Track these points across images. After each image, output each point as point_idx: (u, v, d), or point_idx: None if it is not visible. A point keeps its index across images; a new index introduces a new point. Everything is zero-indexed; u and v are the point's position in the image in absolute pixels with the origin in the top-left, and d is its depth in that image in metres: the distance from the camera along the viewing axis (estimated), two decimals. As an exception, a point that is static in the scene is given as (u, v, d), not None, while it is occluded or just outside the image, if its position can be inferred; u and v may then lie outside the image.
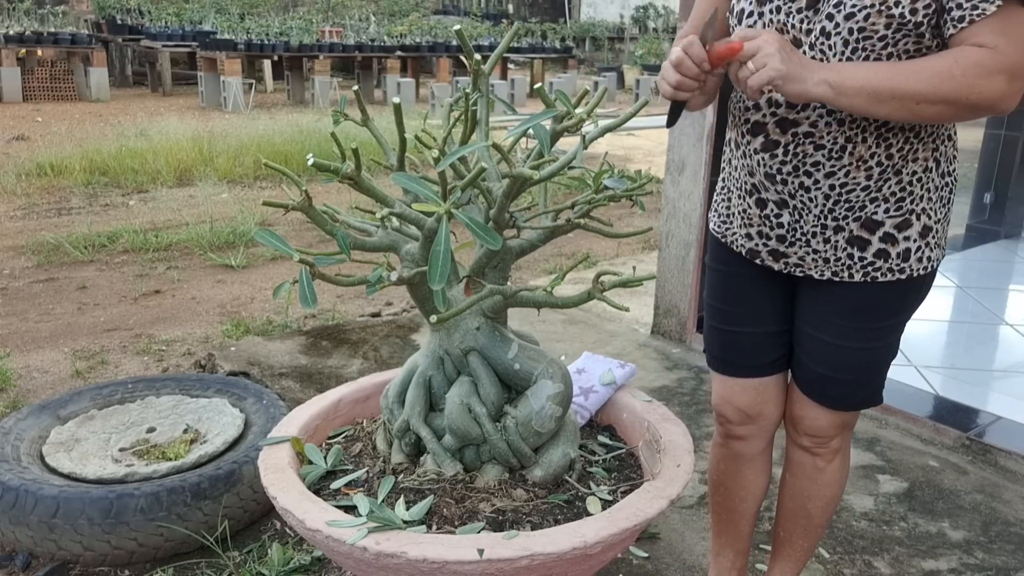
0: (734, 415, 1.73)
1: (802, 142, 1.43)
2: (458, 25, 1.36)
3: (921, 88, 1.26)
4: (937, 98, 1.27)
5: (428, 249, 1.43)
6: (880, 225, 1.45)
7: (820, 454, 1.67)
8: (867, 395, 1.61)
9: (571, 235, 5.61)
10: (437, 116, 10.39)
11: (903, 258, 1.48)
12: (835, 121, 1.39)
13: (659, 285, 3.58)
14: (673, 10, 21.85)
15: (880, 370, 1.60)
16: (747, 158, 1.53)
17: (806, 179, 1.45)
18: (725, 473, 1.81)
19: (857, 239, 1.47)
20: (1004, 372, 3.36)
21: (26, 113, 10.83)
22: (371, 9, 19.09)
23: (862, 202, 1.44)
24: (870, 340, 1.54)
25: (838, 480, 1.71)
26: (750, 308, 1.66)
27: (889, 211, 1.45)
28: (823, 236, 1.49)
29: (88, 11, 16.29)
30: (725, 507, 1.85)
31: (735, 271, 1.66)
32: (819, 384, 1.60)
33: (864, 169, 1.42)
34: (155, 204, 6.39)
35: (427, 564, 1.26)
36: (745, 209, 1.58)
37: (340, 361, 3.27)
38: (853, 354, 1.55)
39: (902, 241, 1.47)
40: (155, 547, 2.06)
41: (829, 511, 1.75)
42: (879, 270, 1.48)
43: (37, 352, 3.58)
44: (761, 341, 1.67)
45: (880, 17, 1.31)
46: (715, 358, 1.74)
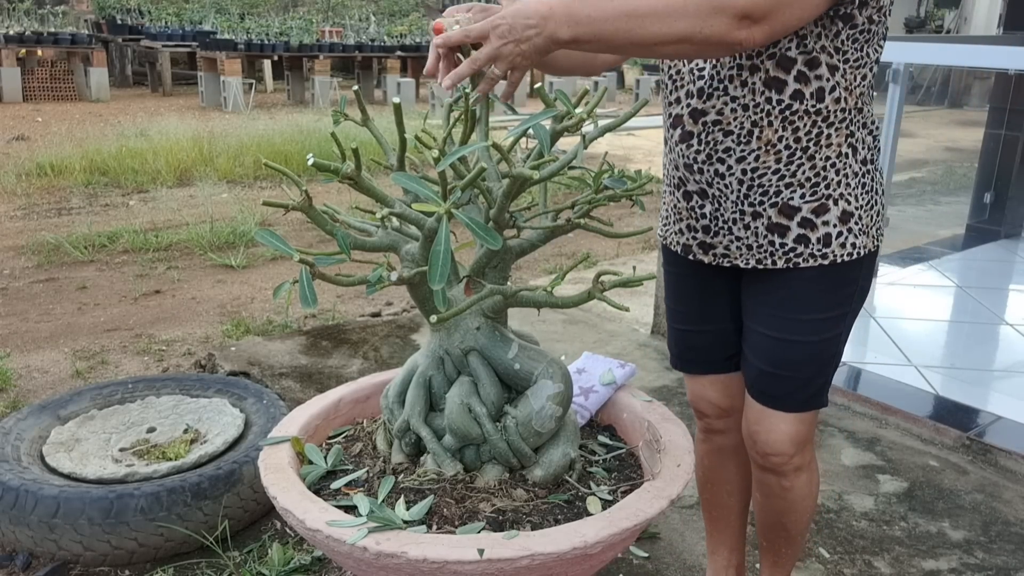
0: (709, 409, 1.76)
1: (712, 130, 1.46)
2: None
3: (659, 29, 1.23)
4: (675, 36, 1.24)
5: (428, 249, 1.42)
6: (797, 211, 1.46)
7: (783, 473, 1.63)
8: (809, 395, 1.57)
9: (571, 235, 5.61)
10: (437, 116, 10.40)
11: (824, 243, 1.47)
12: (739, 107, 1.42)
13: (659, 285, 3.58)
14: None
15: (822, 369, 1.57)
16: (671, 152, 1.56)
17: (719, 166, 1.48)
18: (710, 469, 1.84)
19: (776, 226, 1.48)
20: (1004, 372, 3.36)
21: (26, 113, 10.83)
22: (371, 9, 19.09)
23: (776, 187, 1.45)
24: (808, 333, 1.52)
25: (807, 494, 1.69)
26: (699, 307, 1.69)
27: (805, 196, 1.46)
28: (743, 222, 1.50)
29: (88, 11, 16.29)
30: (714, 503, 1.87)
31: (681, 271, 1.69)
32: (760, 382, 1.59)
33: (773, 153, 1.44)
34: (155, 204, 6.39)
35: (427, 564, 1.26)
36: (675, 204, 1.61)
37: (340, 361, 3.27)
38: (792, 348, 1.54)
39: (821, 226, 1.47)
40: (155, 547, 2.06)
41: (805, 521, 1.73)
42: (800, 255, 1.48)
43: (37, 352, 3.58)
44: (714, 339, 1.69)
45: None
46: (676, 357, 1.78)
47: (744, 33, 1.25)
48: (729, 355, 1.70)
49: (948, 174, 8.35)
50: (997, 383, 3.24)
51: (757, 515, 1.78)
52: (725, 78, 1.43)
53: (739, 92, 1.42)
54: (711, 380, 1.74)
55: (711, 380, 1.74)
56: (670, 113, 1.54)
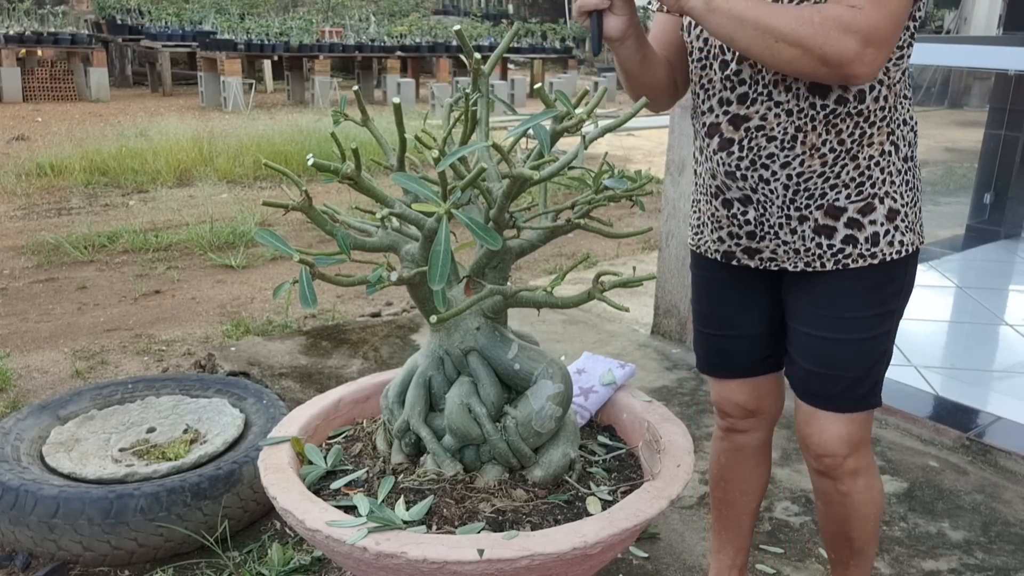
0: (735, 410, 1.75)
1: (755, 136, 1.45)
2: (458, 25, 1.36)
3: (781, 25, 1.28)
4: (793, 39, 1.27)
5: (428, 249, 1.43)
6: (843, 211, 1.46)
7: (839, 477, 1.60)
8: (861, 395, 1.56)
9: (571, 235, 5.61)
10: (437, 116, 10.40)
11: (872, 242, 1.47)
12: (783, 112, 1.42)
13: (659, 285, 3.58)
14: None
15: (873, 367, 1.55)
16: (708, 161, 1.54)
17: (763, 171, 1.47)
18: (726, 467, 1.82)
19: (823, 227, 1.47)
20: (1004, 372, 3.36)
21: (26, 113, 10.83)
22: (371, 9, 19.09)
23: (821, 189, 1.45)
24: (855, 331, 1.52)
25: (869, 500, 1.64)
26: (732, 311, 1.68)
27: (850, 196, 1.46)
28: (789, 227, 1.49)
29: (88, 11, 16.29)
30: (726, 502, 1.85)
31: (714, 276, 1.68)
32: (808, 382, 1.58)
33: (818, 157, 1.43)
34: (155, 204, 6.39)
35: (427, 564, 1.26)
36: (713, 213, 1.60)
37: (340, 361, 3.27)
38: (840, 347, 1.53)
39: (868, 225, 1.47)
40: (155, 547, 2.06)
41: (870, 531, 1.68)
42: (849, 256, 1.48)
43: (37, 352, 3.58)
44: (746, 343, 1.69)
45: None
46: (703, 360, 1.77)
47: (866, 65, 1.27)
48: (761, 358, 1.70)
49: (948, 174, 8.35)
50: (997, 383, 3.24)
51: (821, 526, 1.74)
52: (769, 83, 1.42)
53: (783, 97, 1.41)
54: (739, 383, 1.73)
55: (739, 383, 1.73)
56: (704, 122, 1.53)
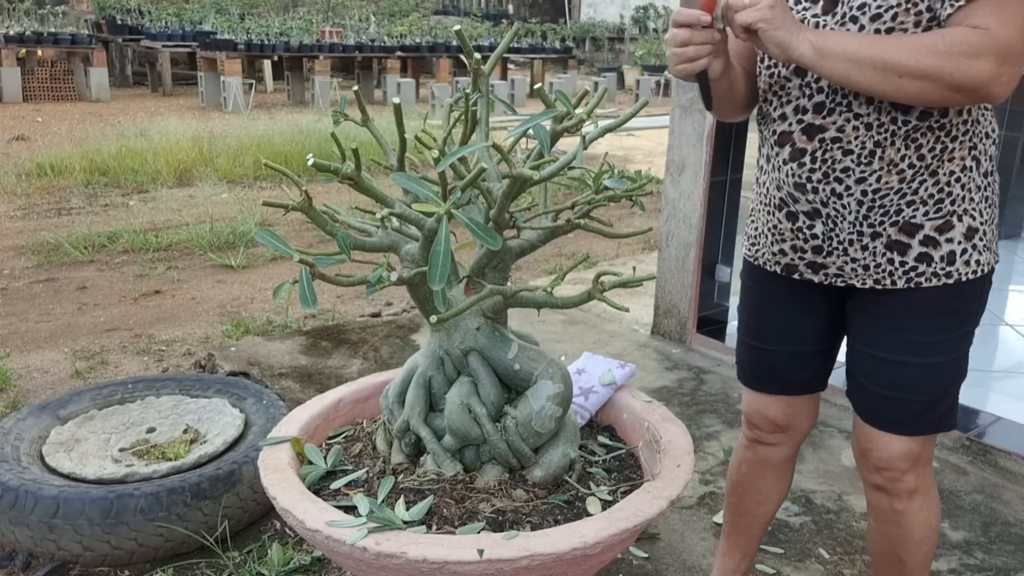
0: (764, 424, 1.71)
1: (830, 147, 1.39)
2: (458, 25, 1.36)
3: (903, 60, 1.23)
4: (919, 72, 1.23)
5: (428, 249, 1.43)
6: (919, 228, 1.39)
7: (896, 494, 1.54)
8: (934, 418, 1.48)
9: (571, 235, 5.60)
10: (437, 116, 10.40)
11: (948, 261, 1.40)
12: (863, 125, 1.36)
13: (659, 285, 3.58)
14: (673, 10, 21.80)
15: (947, 389, 1.48)
16: (776, 171, 1.48)
17: (837, 185, 1.40)
18: (747, 476, 1.78)
19: (896, 243, 1.41)
20: (1004, 372, 3.36)
21: (26, 113, 10.83)
22: (371, 9, 19.09)
23: (897, 206, 1.39)
24: (928, 355, 1.44)
25: (923, 522, 1.57)
26: (784, 327, 1.61)
27: (928, 213, 1.39)
28: (860, 243, 1.43)
29: (88, 11, 16.29)
30: (741, 509, 1.82)
31: (768, 289, 1.62)
32: (878, 406, 1.50)
33: (896, 172, 1.37)
34: (155, 204, 6.39)
35: (427, 564, 1.26)
36: (775, 225, 1.53)
37: (340, 361, 3.27)
38: (912, 371, 1.45)
39: (945, 244, 1.40)
40: (155, 547, 2.06)
41: (922, 554, 1.61)
42: (922, 275, 1.41)
43: (37, 352, 3.58)
44: (794, 360, 1.63)
45: (908, 15, 1.28)
46: (746, 373, 1.71)
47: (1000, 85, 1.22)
48: (809, 377, 1.65)
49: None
50: (997, 383, 3.24)
51: (870, 544, 1.69)
52: (849, 94, 1.36)
53: (863, 110, 1.35)
54: (775, 399, 1.68)
55: (775, 399, 1.68)
56: (774, 130, 1.47)
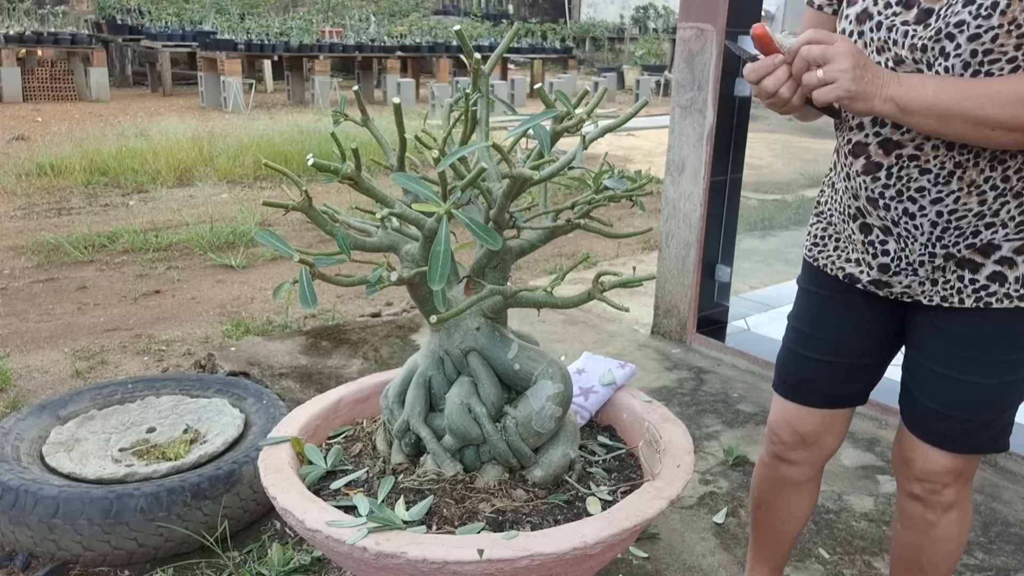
0: (790, 438, 1.63)
1: (907, 165, 1.32)
2: (458, 25, 1.37)
3: (997, 114, 1.15)
4: (1015, 125, 1.15)
5: (428, 249, 1.42)
6: (996, 248, 1.34)
7: (932, 505, 1.51)
8: (987, 438, 1.44)
9: (571, 235, 5.61)
10: (437, 116, 10.40)
11: (1022, 283, 1.34)
12: (943, 144, 1.28)
13: (659, 285, 3.58)
14: (673, 10, 21.85)
15: (1004, 411, 1.43)
16: (850, 180, 1.43)
17: (910, 205, 1.34)
18: (769, 493, 1.73)
19: (968, 261, 1.36)
20: (1004, 372, 3.35)
21: (26, 113, 10.83)
22: (371, 9, 19.09)
23: (975, 227, 1.33)
24: (990, 375, 1.40)
25: (954, 536, 1.53)
26: (837, 336, 1.54)
27: (1008, 236, 1.33)
28: (932, 264, 1.38)
29: (88, 11, 16.30)
30: (765, 525, 1.77)
31: (828, 295, 1.55)
32: (930, 421, 1.46)
33: (977, 194, 1.30)
34: (155, 204, 6.39)
35: (427, 564, 1.26)
36: (850, 235, 1.48)
37: (340, 361, 3.27)
38: (970, 390, 1.40)
39: (1022, 265, 1.34)
40: (155, 547, 2.06)
41: (945, 567, 1.58)
42: (993, 295, 1.36)
43: (37, 352, 3.58)
44: (842, 373, 1.56)
45: (1010, 37, 1.18)
46: (787, 384, 1.63)
47: None
48: (851, 392, 1.58)
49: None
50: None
51: (893, 549, 1.67)
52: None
53: None
54: (811, 412, 1.60)
55: (811, 412, 1.60)
56: (850, 139, 1.40)
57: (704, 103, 3.23)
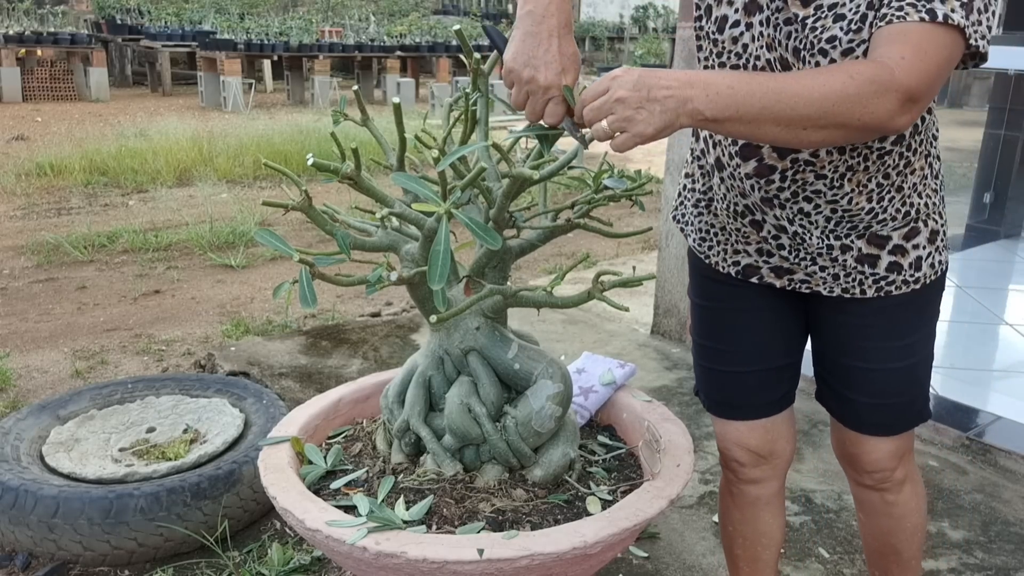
0: (745, 457, 1.57)
1: (803, 169, 1.31)
2: (458, 25, 1.36)
3: (810, 112, 1.10)
4: (827, 121, 1.11)
5: (428, 249, 1.42)
6: (887, 239, 1.38)
7: (886, 488, 1.54)
8: (914, 413, 1.50)
9: (571, 235, 5.61)
10: (437, 116, 10.40)
11: (915, 267, 1.40)
12: (836, 150, 1.29)
13: (659, 285, 3.58)
14: (673, 10, 21.86)
15: (924, 384, 1.50)
16: (736, 180, 1.39)
17: (806, 204, 1.35)
18: (742, 522, 1.64)
19: (867, 256, 1.39)
20: (1004, 372, 3.36)
21: (26, 113, 10.83)
22: (371, 9, 19.09)
23: (867, 223, 1.37)
24: (904, 358, 1.44)
25: (914, 508, 1.57)
26: (750, 343, 1.51)
27: (896, 226, 1.38)
28: (830, 256, 1.40)
29: (88, 11, 16.29)
30: (747, 559, 1.67)
31: (726, 306, 1.52)
32: (869, 416, 1.49)
33: (865, 193, 1.34)
34: (155, 204, 6.39)
35: (427, 564, 1.26)
36: (739, 228, 1.45)
37: (340, 361, 3.27)
38: (891, 376, 1.45)
39: (912, 250, 1.39)
40: (155, 547, 2.06)
41: (916, 541, 1.60)
42: (892, 283, 1.40)
43: (37, 352, 3.58)
44: (767, 378, 1.52)
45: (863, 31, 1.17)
46: (716, 403, 1.57)
47: (904, 119, 1.12)
48: (783, 394, 1.55)
49: (948, 174, 8.35)
50: (997, 383, 3.24)
51: (865, 541, 1.67)
52: None
53: None
54: (752, 426, 1.54)
55: (752, 426, 1.54)
56: (735, 140, 1.35)
57: (704, 103, 3.22)
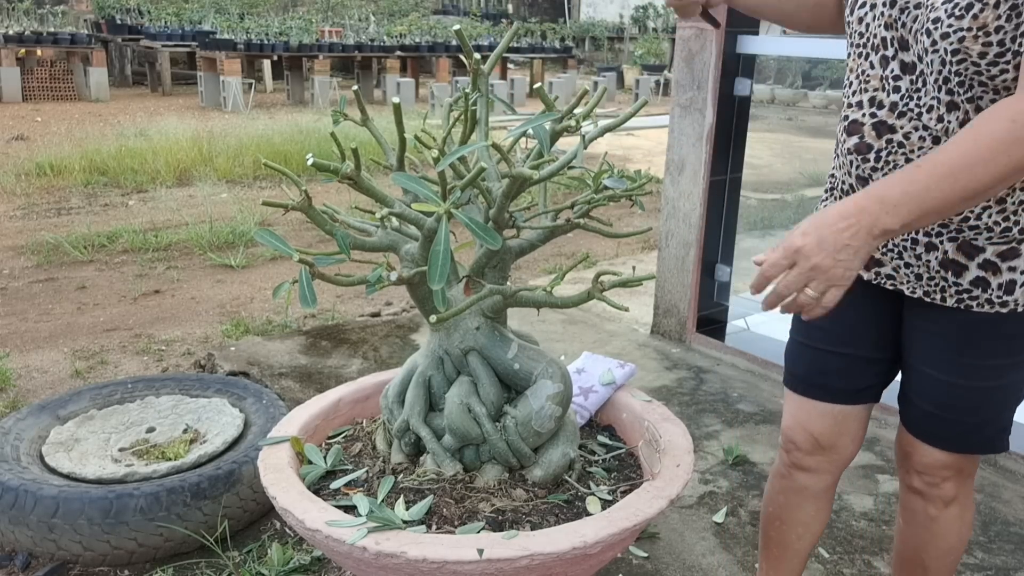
0: (805, 443, 1.57)
1: (895, 151, 1.31)
2: (457, 25, 1.36)
3: (990, 173, 1.10)
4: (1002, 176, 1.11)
5: (428, 249, 1.42)
6: (980, 251, 1.32)
7: (931, 499, 1.50)
8: (983, 440, 1.43)
9: (571, 235, 5.61)
10: (437, 116, 10.40)
11: (1006, 290, 1.32)
12: (930, 137, 1.28)
13: (659, 285, 3.58)
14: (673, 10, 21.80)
15: (999, 414, 1.42)
16: (842, 156, 1.42)
17: None
18: (784, 507, 1.65)
19: (952, 263, 1.33)
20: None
21: (26, 113, 10.83)
22: (371, 9, 19.09)
23: (958, 226, 1.31)
24: (986, 379, 1.39)
25: (955, 532, 1.52)
26: (846, 326, 1.50)
27: (992, 239, 1.31)
28: (914, 252, 1.36)
29: (88, 11, 16.29)
30: (778, 542, 1.69)
31: None
32: (926, 423, 1.46)
33: None
34: (155, 204, 6.39)
35: (427, 564, 1.26)
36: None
37: (340, 361, 3.27)
38: (961, 392, 1.40)
39: (1007, 272, 1.32)
40: (155, 547, 2.06)
41: (947, 564, 1.57)
42: (976, 299, 1.34)
43: (37, 352, 3.58)
44: (854, 365, 1.52)
45: (975, 43, 1.19)
46: (795, 377, 1.58)
47: None
48: (864, 387, 1.53)
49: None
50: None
51: (896, 545, 1.66)
52: (923, 104, 1.28)
53: (933, 124, 1.27)
54: (823, 410, 1.54)
55: (823, 410, 1.54)
56: (847, 116, 1.39)
57: (704, 103, 3.23)
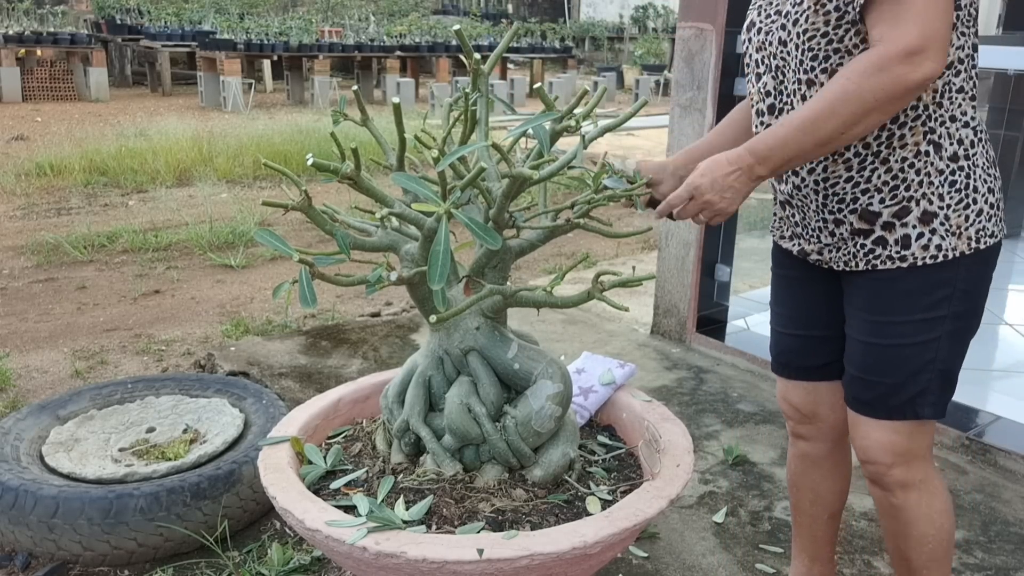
0: (791, 412, 1.78)
1: None
2: (457, 25, 1.37)
3: (837, 123, 1.29)
4: (856, 117, 1.28)
5: (428, 249, 1.42)
6: (878, 216, 1.44)
7: (888, 487, 1.55)
8: (900, 403, 1.49)
9: (571, 235, 5.61)
10: (437, 116, 10.40)
11: (902, 245, 1.44)
12: None
13: (659, 285, 3.58)
14: (673, 10, 21.86)
15: (914, 376, 1.48)
16: None
17: (794, 177, 1.50)
18: (796, 473, 1.84)
19: (860, 231, 1.47)
20: (1004, 372, 3.35)
21: (26, 113, 10.83)
22: (371, 9, 19.09)
23: (852, 194, 1.45)
24: (893, 336, 1.47)
25: (924, 517, 1.55)
26: (798, 311, 1.69)
27: (884, 200, 1.43)
28: (827, 230, 1.51)
29: (88, 11, 16.29)
30: (798, 508, 1.87)
31: (786, 273, 1.70)
32: (853, 388, 1.56)
33: (842, 162, 1.42)
34: (154, 204, 6.39)
35: (427, 564, 1.26)
36: (775, 212, 1.66)
37: (340, 361, 3.27)
38: (876, 351, 1.50)
39: (900, 228, 1.43)
40: (155, 547, 2.06)
41: (927, 552, 1.58)
42: (878, 257, 1.46)
43: (37, 352, 3.58)
44: (808, 344, 1.69)
45: (818, 16, 1.35)
46: (773, 358, 1.79)
47: (919, 72, 1.25)
48: (820, 364, 1.69)
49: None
50: (997, 383, 3.24)
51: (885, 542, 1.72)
52: (790, 93, 1.44)
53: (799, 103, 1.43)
54: (796, 384, 1.74)
55: (796, 384, 1.74)
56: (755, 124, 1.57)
57: (703, 103, 3.23)
